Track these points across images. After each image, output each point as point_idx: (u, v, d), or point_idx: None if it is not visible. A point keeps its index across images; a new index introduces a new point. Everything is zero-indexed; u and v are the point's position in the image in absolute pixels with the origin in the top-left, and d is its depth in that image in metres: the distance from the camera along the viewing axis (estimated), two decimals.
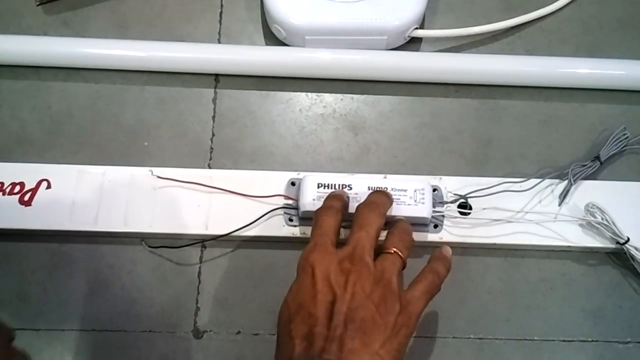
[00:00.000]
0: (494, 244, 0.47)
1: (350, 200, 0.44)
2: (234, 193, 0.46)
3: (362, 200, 0.43)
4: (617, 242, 0.45)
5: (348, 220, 0.42)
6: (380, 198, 0.42)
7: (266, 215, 0.46)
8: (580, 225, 0.47)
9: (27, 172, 0.47)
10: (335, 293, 0.37)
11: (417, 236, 0.46)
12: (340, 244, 0.40)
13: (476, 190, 0.46)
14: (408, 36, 0.52)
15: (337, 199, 0.42)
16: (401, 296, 0.38)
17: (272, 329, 0.45)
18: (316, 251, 0.38)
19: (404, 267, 0.40)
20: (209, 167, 0.49)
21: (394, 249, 0.40)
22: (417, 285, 0.39)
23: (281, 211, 0.46)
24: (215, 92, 0.52)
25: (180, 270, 0.46)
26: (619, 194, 0.48)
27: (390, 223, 0.42)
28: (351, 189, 0.45)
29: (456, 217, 0.46)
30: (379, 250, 0.40)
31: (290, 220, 0.46)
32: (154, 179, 0.47)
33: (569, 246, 0.46)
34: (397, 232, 0.41)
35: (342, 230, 0.42)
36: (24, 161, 0.48)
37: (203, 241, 0.46)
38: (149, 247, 0.46)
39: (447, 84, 0.52)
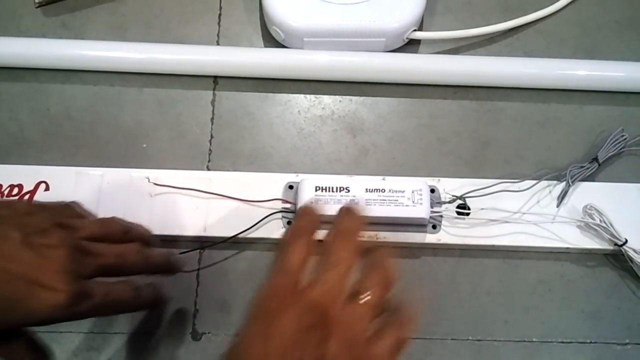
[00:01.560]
0: (493, 245, 0.47)
1: (349, 202, 0.44)
2: (232, 198, 0.46)
3: (359, 204, 0.43)
4: (615, 244, 0.45)
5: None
6: (352, 223, 0.35)
7: (264, 219, 0.46)
8: (579, 226, 0.47)
9: (25, 174, 0.47)
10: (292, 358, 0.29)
11: (416, 237, 0.46)
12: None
13: (474, 190, 0.46)
14: (406, 38, 0.52)
15: (309, 221, 0.36)
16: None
17: None
18: (275, 296, 0.31)
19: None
20: (208, 169, 0.49)
21: (367, 296, 0.32)
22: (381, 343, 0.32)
23: (279, 215, 0.46)
24: (214, 94, 0.52)
25: (178, 273, 0.46)
26: (617, 196, 0.48)
27: (370, 251, 0.35)
28: (349, 191, 0.45)
29: (454, 218, 0.46)
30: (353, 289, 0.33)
31: (289, 223, 0.46)
32: (153, 181, 0.47)
33: (567, 248, 0.46)
34: (376, 270, 0.33)
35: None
36: (22, 163, 0.48)
37: (201, 249, 0.46)
38: None
39: (446, 85, 0.52)
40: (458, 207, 0.47)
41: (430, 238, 0.46)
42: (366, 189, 0.45)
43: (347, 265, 0.33)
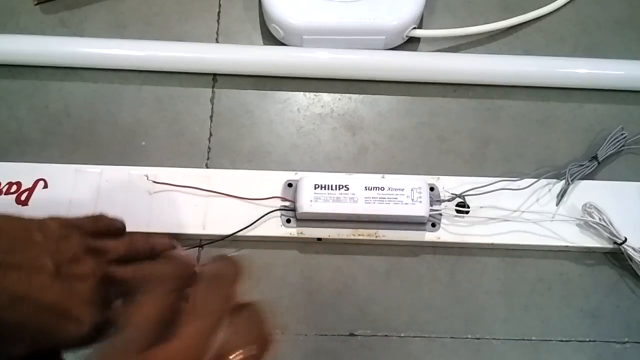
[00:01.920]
0: (492, 244, 0.46)
1: (347, 201, 0.44)
2: (231, 196, 0.46)
3: (359, 202, 0.43)
4: (615, 242, 0.45)
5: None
6: (228, 270, 0.33)
7: (264, 217, 0.46)
8: (578, 225, 0.47)
9: (24, 172, 0.47)
10: None
11: (415, 235, 0.46)
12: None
13: (473, 189, 0.46)
14: (406, 36, 0.52)
15: (174, 266, 0.35)
16: None
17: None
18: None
19: None
20: (207, 166, 0.49)
21: (238, 356, 0.30)
22: None
23: (278, 212, 0.46)
24: (213, 92, 0.52)
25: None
26: (616, 194, 0.48)
27: (245, 306, 0.32)
28: (348, 189, 0.45)
29: (454, 216, 0.46)
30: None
31: (288, 221, 0.46)
32: (152, 179, 0.47)
33: (566, 246, 0.46)
34: (251, 328, 0.32)
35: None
36: (21, 161, 0.48)
37: (200, 246, 0.46)
38: None
39: (445, 83, 0.52)
40: (457, 205, 0.47)
41: (429, 236, 0.46)
42: (365, 187, 0.45)
43: (215, 319, 0.30)
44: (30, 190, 0.46)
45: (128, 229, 0.46)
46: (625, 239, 0.45)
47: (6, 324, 0.30)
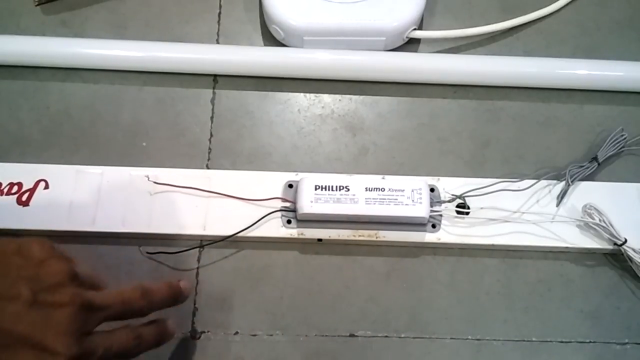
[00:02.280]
0: (492, 245, 0.47)
1: (347, 202, 0.44)
2: (232, 197, 0.46)
3: (359, 203, 0.43)
4: (615, 244, 0.45)
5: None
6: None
7: (264, 217, 0.46)
8: (578, 226, 0.47)
9: (25, 172, 0.47)
10: None
11: (415, 236, 0.46)
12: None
13: (473, 190, 0.46)
14: (406, 37, 0.52)
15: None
16: None
17: (270, 330, 0.45)
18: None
19: None
20: (207, 167, 0.49)
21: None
22: None
23: (279, 213, 0.46)
24: (214, 93, 0.52)
25: (178, 271, 0.46)
26: (616, 195, 0.48)
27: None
28: (349, 190, 0.45)
29: (454, 217, 0.46)
30: None
31: (289, 222, 0.46)
32: (153, 179, 0.47)
33: (566, 247, 0.46)
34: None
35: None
36: (22, 161, 0.48)
37: (200, 247, 0.46)
38: (147, 252, 0.46)
39: (446, 84, 0.53)
40: (458, 206, 0.47)
41: (429, 237, 0.46)
42: (366, 188, 0.45)
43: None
44: (31, 191, 0.46)
45: (129, 230, 0.46)
46: (626, 240, 0.45)
47: None
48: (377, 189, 0.45)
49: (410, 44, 0.53)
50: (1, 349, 0.29)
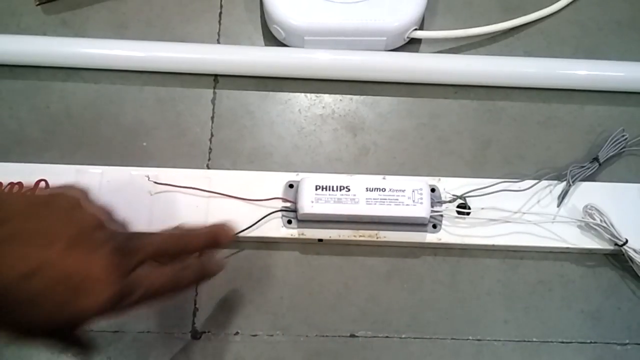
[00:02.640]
0: (493, 245, 0.47)
1: (348, 202, 0.44)
2: (232, 197, 0.46)
3: (360, 203, 0.44)
4: (616, 244, 0.45)
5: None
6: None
7: (265, 217, 0.46)
8: (579, 226, 0.47)
9: (25, 172, 0.47)
10: None
11: (416, 237, 0.46)
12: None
13: (474, 190, 0.46)
14: (407, 37, 0.52)
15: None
16: None
17: (271, 330, 0.45)
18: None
19: None
20: (208, 167, 0.49)
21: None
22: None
23: (279, 213, 0.46)
24: (215, 93, 0.52)
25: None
26: (617, 196, 0.48)
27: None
28: (349, 190, 0.45)
29: (455, 217, 0.46)
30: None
31: (289, 222, 0.46)
32: (153, 179, 0.47)
33: (567, 247, 0.46)
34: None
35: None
36: (23, 161, 0.48)
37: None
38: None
39: (446, 85, 0.52)
40: (458, 206, 0.47)
41: (430, 237, 0.46)
42: (366, 188, 0.45)
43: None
44: (32, 190, 0.46)
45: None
46: (626, 241, 0.45)
47: (19, 301, 0.29)
48: (377, 189, 0.45)
49: (411, 44, 0.53)
50: (45, 289, 0.29)
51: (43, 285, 0.29)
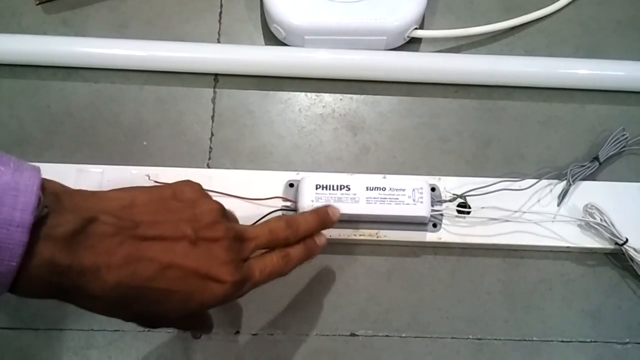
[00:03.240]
0: (493, 244, 0.47)
1: (348, 201, 0.44)
2: (232, 196, 0.46)
3: (360, 203, 0.44)
4: (616, 243, 0.45)
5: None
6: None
7: (265, 217, 0.46)
8: (579, 225, 0.47)
9: None
10: None
11: (416, 236, 0.46)
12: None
13: (474, 189, 0.46)
14: (407, 36, 0.52)
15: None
16: None
17: (271, 329, 0.45)
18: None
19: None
20: (208, 166, 0.49)
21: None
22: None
23: (280, 213, 0.46)
24: (215, 92, 0.52)
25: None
26: (617, 195, 0.48)
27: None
28: (349, 189, 0.45)
29: (455, 217, 0.46)
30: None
31: None
32: (153, 179, 0.47)
33: (567, 247, 0.46)
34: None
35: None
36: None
37: None
38: None
39: (447, 84, 0.52)
40: (459, 205, 0.47)
41: (430, 237, 0.46)
42: (367, 187, 0.45)
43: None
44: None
45: None
46: (627, 240, 0.45)
47: (157, 290, 0.32)
48: (378, 188, 0.45)
49: (412, 44, 0.53)
50: (177, 281, 0.32)
51: (174, 279, 0.32)
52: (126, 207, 0.33)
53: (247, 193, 0.46)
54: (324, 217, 0.40)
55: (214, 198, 0.46)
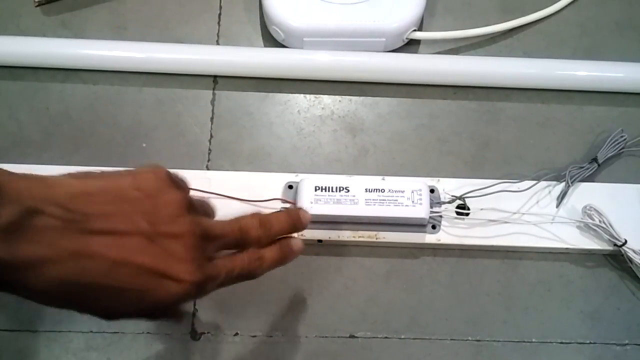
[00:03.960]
0: (492, 246, 0.47)
1: (347, 203, 0.44)
2: (232, 198, 0.46)
3: (359, 204, 0.44)
4: (615, 245, 0.45)
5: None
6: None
7: None
8: (578, 227, 0.47)
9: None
10: None
11: (415, 237, 0.46)
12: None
13: (473, 191, 0.46)
14: (406, 38, 0.52)
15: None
16: None
17: (270, 331, 0.45)
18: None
19: None
20: (207, 168, 0.49)
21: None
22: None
23: None
24: (214, 94, 0.52)
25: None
26: (616, 196, 0.48)
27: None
28: (348, 191, 0.45)
29: (454, 218, 0.46)
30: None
31: None
32: None
33: (566, 248, 0.46)
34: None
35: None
36: (22, 162, 0.48)
37: None
38: None
39: (445, 85, 0.53)
40: (457, 207, 0.47)
41: (429, 238, 0.46)
42: (366, 189, 0.45)
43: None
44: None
45: None
46: (626, 241, 0.45)
47: (107, 287, 0.30)
48: (377, 190, 0.45)
49: (410, 45, 0.53)
50: (129, 279, 0.30)
51: (126, 276, 0.30)
52: (77, 196, 0.30)
53: (246, 195, 0.46)
54: (296, 220, 0.38)
55: (213, 200, 0.46)
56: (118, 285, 0.30)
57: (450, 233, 0.46)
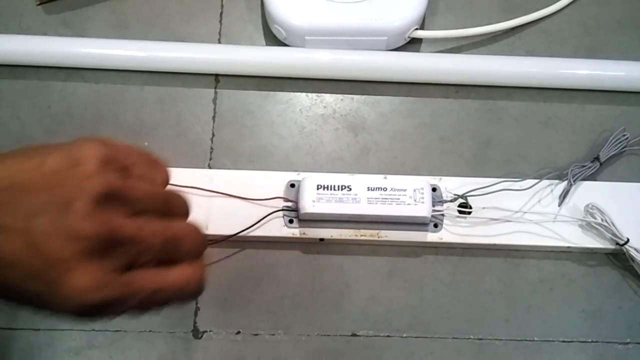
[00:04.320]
0: (494, 244, 0.47)
1: (350, 202, 0.44)
2: (234, 197, 0.46)
3: (361, 203, 0.44)
4: (617, 243, 0.45)
5: None
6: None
7: (266, 217, 0.46)
8: (580, 226, 0.47)
9: None
10: None
11: (417, 236, 0.46)
12: None
13: (475, 189, 0.46)
14: (408, 37, 0.52)
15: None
16: None
17: (272, 329, 0.45)
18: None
19: None
20: (209, 167, 0.49)
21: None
22: None
23: (281, 213, 0.46)
24: (216, 92, 0.52)
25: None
26: (618, 195, 0.48)
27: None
28: (350, 189, 0.45)
29: (456, 217, 0.46)
30: None
31: (290, 222, 0.46)
32: None
33: (568, 247, 0.46)
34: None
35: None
36: None
37: None
38: None
39: (447, 84, 0.52)
40: (460, 206, 0.47)
41: (431, 237, 0.46)
42: (368, 188, 0.45)
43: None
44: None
45: None
46: (628, 240, 0.45)
47: (2, 287, 0.26)
48: (379, 188, 0.45)
49: (412, 44, 0.53)
50: (19, 285, 0.26)
51: (20, 278, 0.26)
52: None
53: (248, 193, 0.46)
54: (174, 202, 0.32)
55: (215, 198, 0.46)
56: (13, 286, 0.26)
57: (452, 232, 0.46)
